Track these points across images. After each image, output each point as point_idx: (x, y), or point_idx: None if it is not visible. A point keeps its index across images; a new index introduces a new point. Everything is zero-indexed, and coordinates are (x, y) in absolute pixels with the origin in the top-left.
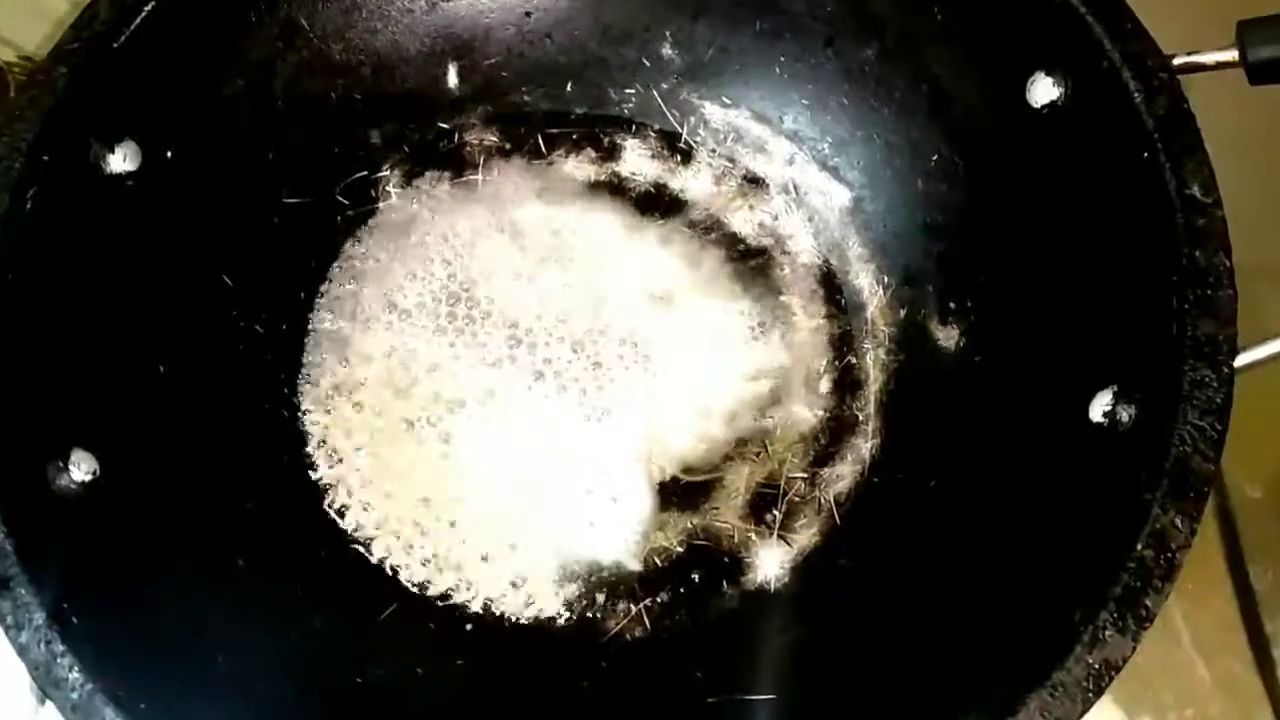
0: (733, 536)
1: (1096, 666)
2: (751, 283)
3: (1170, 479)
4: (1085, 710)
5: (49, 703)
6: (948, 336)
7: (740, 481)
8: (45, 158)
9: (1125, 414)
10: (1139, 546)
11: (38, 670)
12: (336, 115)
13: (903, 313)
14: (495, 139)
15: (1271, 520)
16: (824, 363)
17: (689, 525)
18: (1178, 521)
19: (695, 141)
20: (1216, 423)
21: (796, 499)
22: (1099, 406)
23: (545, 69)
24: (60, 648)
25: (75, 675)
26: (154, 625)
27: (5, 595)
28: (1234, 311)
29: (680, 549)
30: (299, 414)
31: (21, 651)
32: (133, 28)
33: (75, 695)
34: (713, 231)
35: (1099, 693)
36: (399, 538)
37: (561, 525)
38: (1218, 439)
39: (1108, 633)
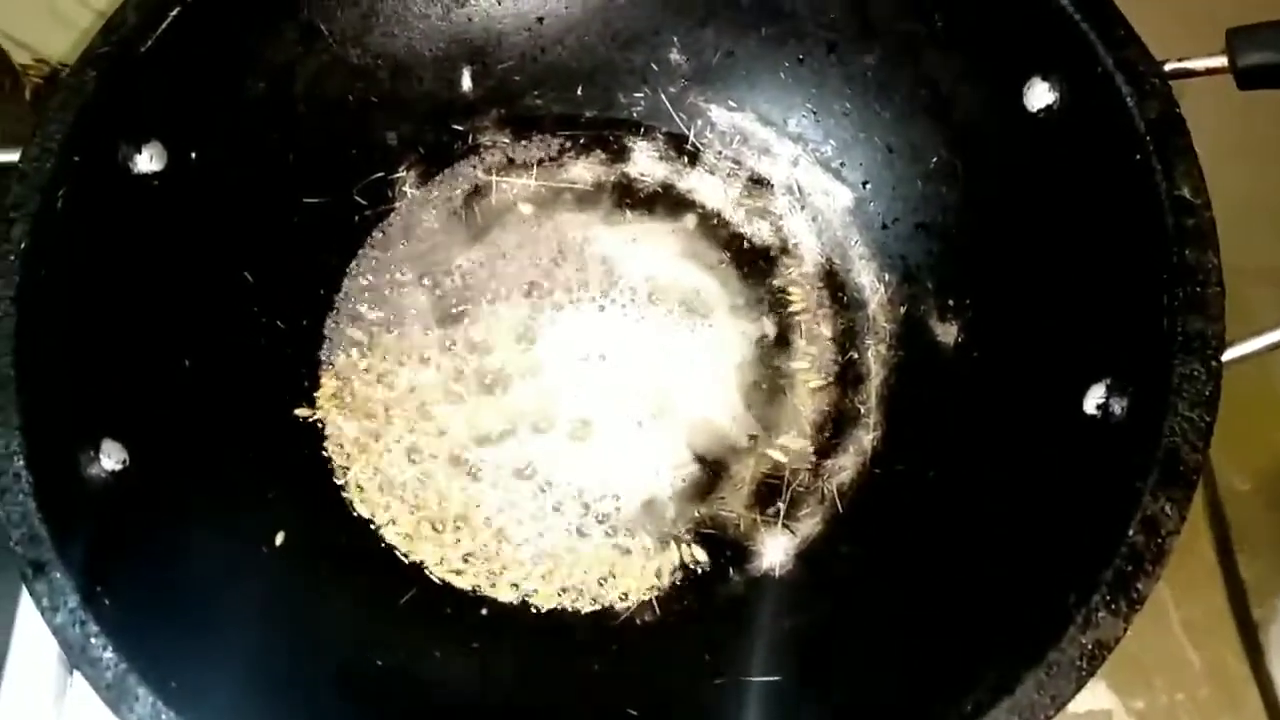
0: (739, 525)
1: (1090, 647)
2: (757, 280)
3: (1161, 468)
4: (1079, 688)
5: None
6: (946, 332)
7: (746, 472)
8: (75, 158)
9: (1118, 406)
10: (1130, 532)
11: (72, 650)
12: (354, 117)
13: (903, 309)
14: (508, 141)
15: (1260, 511)
16: (827, 358)
17: (697, 515)
18: (1167, 508)
19: (702, 144)
20: (1205, 414)
21: (800, 489)
22: (1092, 399)
23: (557, 73)
24: (94, 629)
25: (109, 655)
26: (183, 608)
27: (41, 579)
28: (1222, 308)
29: (689, 537)
30: (318, 407)
31: (57, 632)
32: (159, 33)
33: (109, 674)
34: (719, 231)
35: (1092, 672)
36: (416, 526)
37: (570, 514)
38: (1206, 430)
39: (1100, 615)
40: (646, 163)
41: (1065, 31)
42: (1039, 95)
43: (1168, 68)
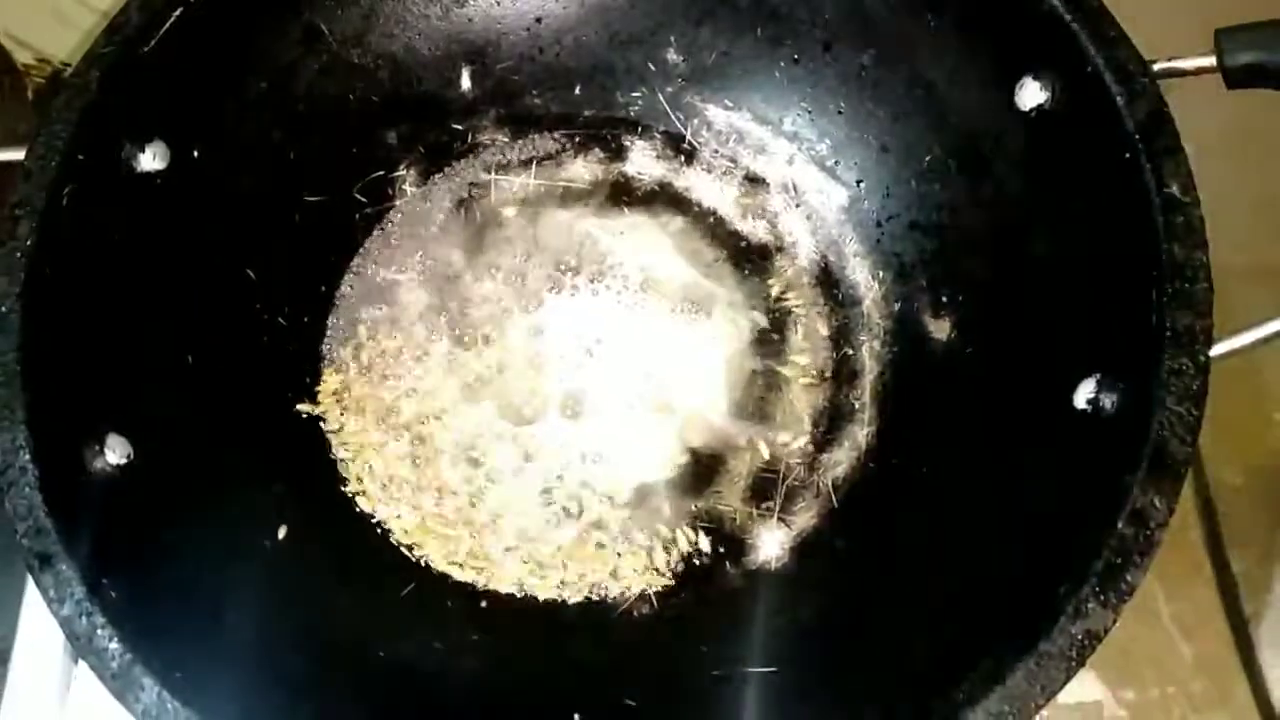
0: (735, 519)
1: (1079, 637)
2: (752, 277)
3: (1150, 461)
4: (1069, 678)
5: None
6: (940, 329)
7: (742, 466)
8: (80, 157)
9: (1108, 401)
10: (1120, 525)
11: (79, 641)
12: (355, 117)
13: (897, 306)
14: (507, 139)
15: (1250, 505)
16: (822, 354)
17: (693, 508)
18: (1156, 501)
19: (699, 143)
20: (1193, 408)
21: (796, 483)
22: (1083, 394)
23: (555, 73)
24: (100, 619)
25: (115, 646)
26: (188, 600)
27: (47, 571)
28: (1210, 304)
29: (686, 531)
30: (319, 403)
31: (64, 624)
32: (162, 32)
33: (115, 664)
34: (715, 229)
35: (1081, 662)
36: (416, 519)
37: (568, 507)
38: (1194, 424)
39: (1090, 605)
40: (644, 161)
41: (1056, 31)
42: (1031, 94)
43: (1157, 67)
